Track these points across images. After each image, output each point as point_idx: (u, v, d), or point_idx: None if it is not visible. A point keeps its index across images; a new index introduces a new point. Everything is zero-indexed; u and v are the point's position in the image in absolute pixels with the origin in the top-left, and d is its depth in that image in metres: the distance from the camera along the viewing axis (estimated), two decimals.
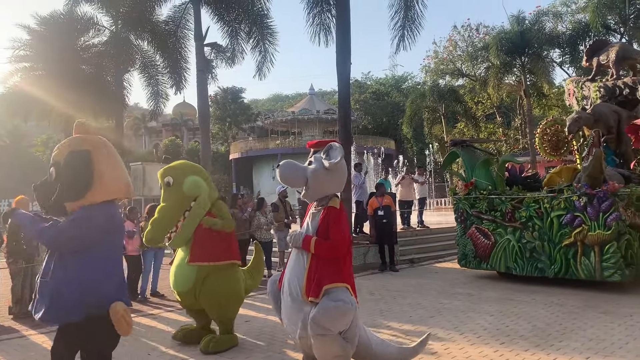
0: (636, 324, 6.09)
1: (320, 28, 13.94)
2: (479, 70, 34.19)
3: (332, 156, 4.12)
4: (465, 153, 10.09)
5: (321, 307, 3.85)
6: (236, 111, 48.23)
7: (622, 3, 25.34)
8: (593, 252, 7.83)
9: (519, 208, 8.72)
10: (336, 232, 4.03)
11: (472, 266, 9.49)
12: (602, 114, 9.71)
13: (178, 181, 5.47)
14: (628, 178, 8.75)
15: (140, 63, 21.55)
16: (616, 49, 10.98)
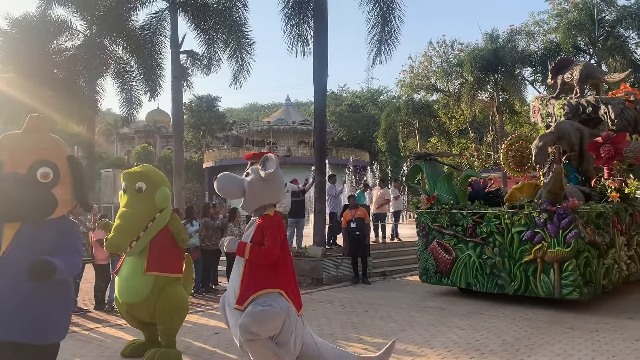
0: (602, 339, 6.20)
1: (297, 39, 13.98)
2: (453, 86, 34.74)
3: (268, 167, 4.15)
4: (428, 166, 10.04)
5: (247, 312, 3.87)
6: (211, 119, 47.97)
7: (592, 25, 26.12)
8: (552, 269, 7.76)
9: (480, 223, 8.63)
10: (269, 238, 4.06)
11: (433, 281, 9.35)
12: (565, 132, 9.78)
13: (150, 190, 5.32)
14: (589, 195, 8.78)
15: (114, 68, 21.29)
16: (580, 67, 11.18)
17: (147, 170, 5.57)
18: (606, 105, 10.29)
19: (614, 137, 9.30)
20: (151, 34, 19.40)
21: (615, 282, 8.45)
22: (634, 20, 26.07)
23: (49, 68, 20.47)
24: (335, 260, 11.34)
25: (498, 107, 31.09)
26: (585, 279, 7.68)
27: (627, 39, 27.70)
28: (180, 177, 17.60)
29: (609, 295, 8.64)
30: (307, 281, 10.90)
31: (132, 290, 5.28)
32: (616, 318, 7.29)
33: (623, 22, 26.55)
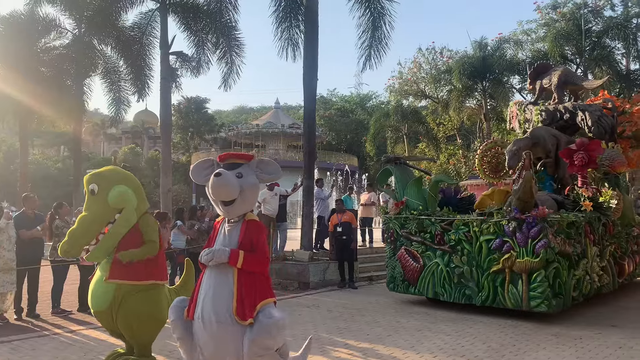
0: (586, 346, 6.25)
1: (288, 43, 14.00)
2: (442, 93, 34.90)
3: (271, 171, 4.05)
4: (398, 171, 9.73)
5: (259, 326, 3.67)
6: (199, 121, 47.72)
7: (579, 35, 26.41)
8: (521, 280, 7.50)
9: (448, 230, 8.35)
10: (262, 244, 3.88)
11: (400, 290, 9.05)
12: (540, 138, 9.61)
13: (103, 190, 4.93)
14: (562, 203, 8.57)
15: (103, 68, 21.11)
16: (559, 73, 11.00)
17: (103, 170, 5.18)
18: (583, 112, 10.16)
19: (588, 144, 9.10)
20: (141, 35, 19.30)
21: (587, 294, 8.20)
22: (619, 31, 26.43)
23: (36, 66, 20.26)
24: (322, 265, 11.33)
25: (486, 114, 31.31)
26: (554, 291, 7.44)
27: (613, 50, 28.05)
28: (167, 178, 17.51)
29: (594, 303, 8.73)
30: (294, 285, 10.88)
31: (95, 298, 4.98)
32: (600, 326, 7.36)
33: (609, 33, 26.91)
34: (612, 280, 9.01)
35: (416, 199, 9.11)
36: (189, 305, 3.94)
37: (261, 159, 4.10)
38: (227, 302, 3.74)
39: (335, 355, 5.93)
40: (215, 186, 3.80)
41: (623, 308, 8.72)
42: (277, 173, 4.05)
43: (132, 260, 4.88)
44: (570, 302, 7.76)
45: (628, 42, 26.61)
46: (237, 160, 4.03)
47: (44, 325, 7.61)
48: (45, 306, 8.53)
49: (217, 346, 3.77)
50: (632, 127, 10.92)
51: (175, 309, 4.01)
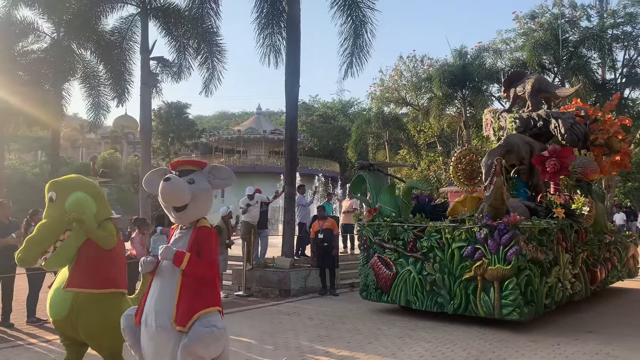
0: (563, 352, 6.32)
1: (270, 50, 13.99)
2: (422, 100, 35.21)
3: (224, 177, 4.02)
4: (372, 177, 9.61)
5: (193, 334, 3.60)
6: (180, 127, 47.32)
7: (557, 45, 26.90)
8: (493, 287, 7.42)
9: (421, 237, 8.25)
10: (210, 251, 3.84)
11: (373, 298, 8.89)
12: (514, 145, 9.60)
13: (61, 197, 4.84)
14: (534, 210, 8.51)
15: (82, 73, 20.83)
16: (532, 81, 11.07)
17: (63, 178, 5.12)
18: (556, 119, 10.21)
19: (560, 151, 9.09)
20: (121, 39, 19.13)
21: (559, 301, 8.16)
22: (595, 41, 26.99)
23: (14, 70, 19.91)
24: (304, 272, 11.30)
25: (465, 122, 31.64)
26: (526, 299, 7.37)
27: (589, 59, 28.62)
28: None
29: (570, 309, 8.84)
30: (275, 292, 10.83)
31: (53, 307, 4.81)
32: (577, 332, 7.45)
33: (585, 43, 27.46)
34: (584, 288, 9.00)
35: (389, 206, 9.03)
36: (137, 309, 3.94)
37: (213, 165, 4.08)
38: (167, 308, 3.72)
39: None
40: (164, 191, 3.78)
41: (600, 314, 8.84)
42: (230, 179, 4.03)
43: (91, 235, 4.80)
44: (542, 310, 7.71)
45: (603, 52, 27.19)
46: (189, 167, 4.02)
47: (19, 335, 7.46)
48: (20, 315, 8.36)
49: (155, 350, 3.76)
50: (604, 135, 11.02)
51: (126, 317, 4.00)
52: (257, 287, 11.08)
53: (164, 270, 3.84)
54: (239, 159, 43.20)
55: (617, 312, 9.00)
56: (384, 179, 9.89)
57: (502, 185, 7.36)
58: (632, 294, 10.95)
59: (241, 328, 7.83)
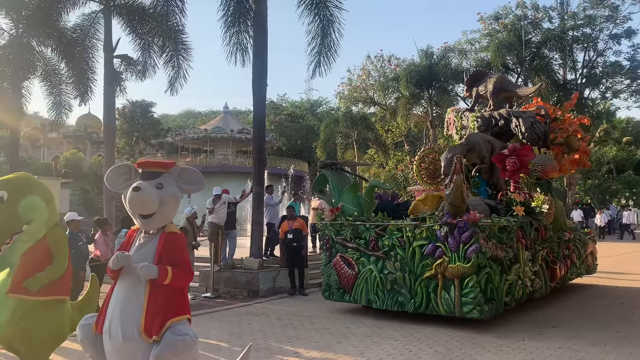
0: (528, 347, 6.45)
1: (237, 48, 13.87)
2: (390, 100, 35.53)
3: (194, 181, 3.85)
4: (334, 176, 9.57)
5: (165, 343, 3.47)
6: (145, 126, 46.56)
7: (520, 45, 27.52)
8: (453, 285, 7.39)
9: (382, 236, 8.20)
10: (184, 258, 3.74)
11: (336, 298, 8.83)
12: (475, 144, 9.61)
13: (13, 199, 4.63)
14: (494, 209, 8.54)
15: (43, 71, 20.21)
16: (494, 80, 11.11)
17: (14, 177, 4.91)
18: (517, 118, 10.27)
19: (519, 149, 9.06)
20: (83, 37, 18.63)
21: (519, 298, 8.20)
22: (557, 42, 27.73)
23: None
24: (272, 272, 11.24)
25: (432, 122, 32.04)
26: (486, 296, 7.36)
27: (551, 60, 29.39)
28: None
29: (534, 305, 9.03)
30: (243, 294, 10.74)
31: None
32: (542, 327, 7.62)
33: (547, 44, 28.19)
34: (544, 285, 9.06)
35: (352, 205, 8.98)
36: (97, 318, 3.74)
37: (183, 168, 3.91)
38: (135, 317, 3.55)
39: None
40: (133, 201, 3.63)
41: (562, 310, 9.06)
42: (200, 183, 3.87)
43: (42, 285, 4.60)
44: (502, 308, 7.73)
45: (565, 53, 27.95)
46: (156, 169, 3.82)
47: None
48: None
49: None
50: (563, 134, 11.20)
51: (83, 327, 3.77)
52: (225, 289, 10.97)
53: (128, 277, 3.65)
54: (205, 159, 42.69)
55: (578, 308, 9.23)
56: (347, 178, 9.79)
57: (462, 184, 7.37)
58: (592, 290, 11.26)
59: (209, 330, 7.72)
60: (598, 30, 29.33)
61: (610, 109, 35.18)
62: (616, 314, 8.56)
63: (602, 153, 41.78)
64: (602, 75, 29.93)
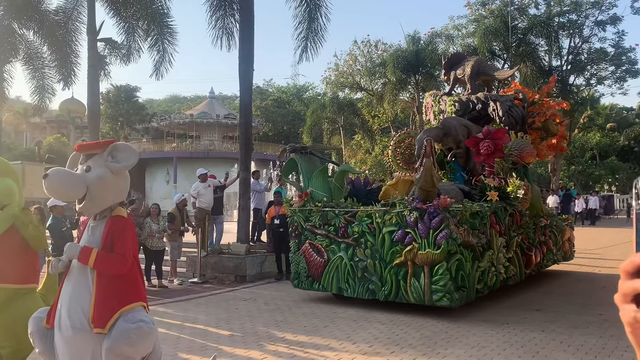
0: (512, 330, 6.56)
1: (223, 32, 13.73)
2: (376, 86, 35.47)
3: (122, 159, 3.51)
4: (304, 161, 9.23)
5: (118, 332, 3.21)
6: (129, 110, 45.96)
7: (506, 32, 27.55)
8: (423, 273, 7.14)
9: (352, 222, 7.91)
10: (123, 244, 3.44)
11: (305, 286, 8.58)
12: (451, 128, 9.40)
13: None
14: (468, 194, 8.37)
15: (25, 54, 19.84)
16: (472, 63, 10.89)
17: None
18: (495, 102, 10.06)
19: (493, 132, 8.78)
20: (66, 19, 18.31)
21: (492, 286, 8.04)
22: (543, 28, 27.81)
23: None
24: (259, 257, 11.26)
25: (418, 107, 32.05)
26: (457, 284, 7.16)
27: (537, 46, 29.51)
28: None
29: (519, 288, 9.17)
30: (231, 278, 10.76)
31: None
32: (525, 310, 7.75)
33: (533, 30, 28.27)
34: (519, 272, 8.94)
35: (322, 190, 8.67)
36: (49, 311, 3.49)
37: (114, 145, 3.55)
38: (84, 308, 3.31)
39: (272, 349, 5.91)
40: (48, 189, 3.35)
41: (546, 294, 9.21)
42: (129, 160, 3.51)
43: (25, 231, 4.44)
44: (474, 295, 7.56)
45: (550, 39, 28.06)
46: (92, 150, 3.55)
47: None
48: None
49: (73, 356, 3.33)
50: (540, 118, 10.98)
51: (34, 320, 3.52)
52: (213, 274, 10.98)
53: (77, 267, 3.41)
54: (191, 144, 42.43)
55: (561, 291, 9.39)
56: (317, 162, 9.48)
57: (432, 167, 7.05)
58: (575, 275, 11.43)
59: (197, 315, 7.75)
60: (584, 17, 29.47)
61: (595, 96, 35.49)
62: (598, 297, 8.72)
63: (585, 139, 42.29)
64: (587, 61, 30.13)
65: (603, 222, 29.16)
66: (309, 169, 9.12)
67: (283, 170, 9.70)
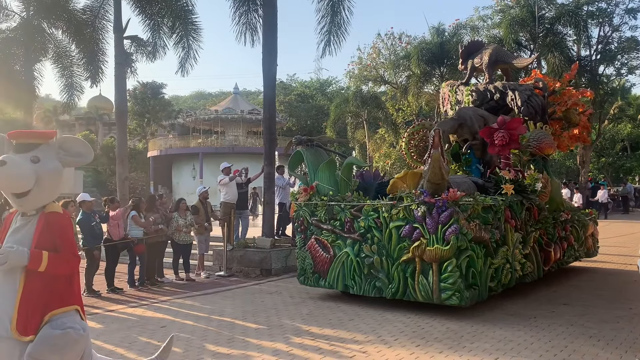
0: (540, 324, 6.49)
1: (246, 27, 13.81)
2: (401, 78, 35.17)
3: (78, 153, 3.27)
4: (310, 153, 8.84)
5: (42, 338, 2.94)
6: (156, 107, 46.65)
7: (533, 22, 27.04)
8: (431, 270, 6.83)
9: (358, 217, 7.60)
10: (70, 242, 3.20)
11: (311, 283, 8.31)
12: (467, 118, 9.01)
13: None
14: (483, 187, 8.02)
15: (54, 53, 20.31)
16: (489, 51, 10.55)
17: None
18: (513, 91, 9.68)
19: (508, 122, 8.34)
20: (93, 18, 18.64)
21: (507, 283, 7.65)
22: (571, 18, 27.16)
23: None
24: (284, 251, 11.33)
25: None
26: (467, 282, 6.83)
27: (565, 36, 28.86)
28: (123, 166, 17.10)
29: (545, 282, 9.05)
30: (256, 272, 10.86)
31: None
32: (553, 304, 7.65)
33: (561, 20, 27.63)
34: (536, 269, 8.47)
35: (328, 184, 8.38)
36: None
37: (64, 137, 3.31)
38: (7, 313, 2.99)
39: (298, 341, 5.96)
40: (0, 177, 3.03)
41: (574, 287, 9.07)
42: (86, 155, 3.30)
43: None
44: (486, 294, 7.20)
45: (579, 28, 27.38)
46: (33, 140, 3.22)
47: None
48: None
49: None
50: (561, 108, 10.52)
51: None
52: (239, 267, 11.10)
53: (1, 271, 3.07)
54: (217, 140, 42.77)
55: (590, 286, 9.23)
56: (324, 155, 9.09)
57: (440, 159, 6.69)
58: (604, 270, 11.19)
59: (223, 307, 7.85)
60: (614, 5, 28.69)
61: (626, 86, 34.57)
62: (628, 291, 8.55)
63: (616, 130, 41.29)
64: (617, 51, 29.33)
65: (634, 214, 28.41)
66: (315, 162, 8.76)
67: (289, 163, 9.43)
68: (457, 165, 9.78)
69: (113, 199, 10.61)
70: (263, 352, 5.58)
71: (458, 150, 9.58)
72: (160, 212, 10.59)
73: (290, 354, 5.51)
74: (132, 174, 33.74)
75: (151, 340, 6.14)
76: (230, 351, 5.63)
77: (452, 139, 9.67)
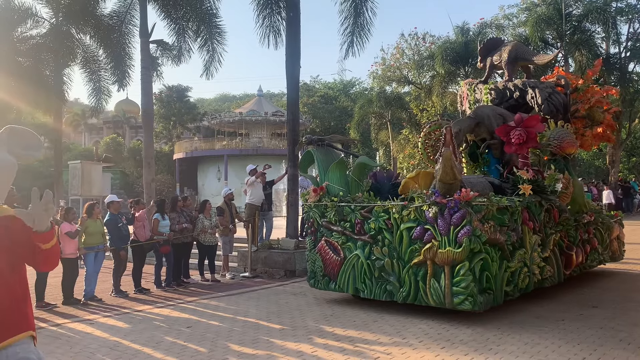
0: (568, 327, 6.37)
1: (270, 30, 13.88)
2: (425, 79, 34.95)
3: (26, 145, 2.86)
4: (321, 153, 8.66)
5: None
6: (181, 110, 47.32)
7: (559, 19, 26.58)
8: (443, 273, 6.58)
9: (368, 218, 7.39)
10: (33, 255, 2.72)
11: (321, 286, 8.10)
12: (484, 117, 8.74)
13: None
14: (499, 187, 7.72)
15: (82, 58, 20.80)
16: (509, 48, 10.21)
17: None
18: (534, 89, 9.36)
19: (526, 119, 8.03)
20: (120, 23, 19.01)
21: (524, 288, 7.35)
22: (599, 14, 26.61)
23: (13, 56, 19.88)
24: None
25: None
26: (481, 286, 6.56)
27: (593, 33, 28.29)
28: (150, 168, 17.36)
29: (572, 286, 8.88)
30: (280, 273, 10.91)
31: None
32: (582, 307, 7.49)
33: (589, 17, 27.09)
34: (556, 273, 8.11)
35: (339, 184, 8.16)
36: None
37: (11, 128, 2.86)
38: None
39: (322, 342, 5.97)
40: None
41: (604, 290, 8.87)
42: (36, 148, 2.91)
43: None
44: (502, 298, 6.93)
45: (607, 25, 26.83)
46: None
47: None
48: None
49: None
50: (584, 106, 10.13)
51: None
52: (263, 268, 11.16)
53: None
54: (241, 142, 43.16)
55: (621, 288, 9.03)
56: (335, 154, 8.91)
57: (452, 158, 6.44)
58: (635, 274, 10.93)
59: (248, 308, 7.90)
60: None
61: None
62: None
63: None
64: None
65: None
66: (325, 162, 8.54)
67: (300, 163, 9.14)
68: (474, 165, 9.48)
69: (138, 201, 10.80)
70: (287, 353, 5.60)
71: (476, 150, 9.29)
72: (185, 213, 10.71)
73: (314, 355, 5.52)
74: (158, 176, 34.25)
75: (177, 340, 6.21)
76: (254, 352, 5.67)
77: (470, 139, 9.38)
